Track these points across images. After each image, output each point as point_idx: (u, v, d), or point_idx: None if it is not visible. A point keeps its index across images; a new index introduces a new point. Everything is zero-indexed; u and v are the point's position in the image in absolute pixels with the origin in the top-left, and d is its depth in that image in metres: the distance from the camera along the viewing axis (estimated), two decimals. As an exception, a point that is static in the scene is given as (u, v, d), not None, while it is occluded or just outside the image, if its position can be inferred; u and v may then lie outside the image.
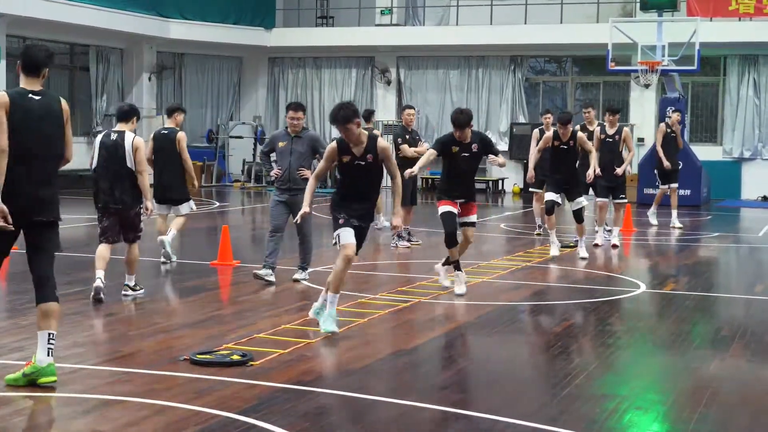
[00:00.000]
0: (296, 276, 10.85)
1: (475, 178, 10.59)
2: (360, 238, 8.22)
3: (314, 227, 11.09)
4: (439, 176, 11.09)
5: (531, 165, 14.30)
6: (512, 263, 12.64)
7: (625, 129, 14.84)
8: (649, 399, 6.55)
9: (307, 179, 9.76)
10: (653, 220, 17.67)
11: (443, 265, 10.45)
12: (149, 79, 27.61)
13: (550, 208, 13.10)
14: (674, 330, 8.94)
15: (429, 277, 11.03)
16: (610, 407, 6.19)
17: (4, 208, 6.04)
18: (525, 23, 26.89)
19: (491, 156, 10.12)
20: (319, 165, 8.63)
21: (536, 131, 15.26)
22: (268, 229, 10.88)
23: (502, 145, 26.43)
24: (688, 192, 22.45)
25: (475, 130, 10.07)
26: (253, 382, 6.51)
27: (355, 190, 8.23)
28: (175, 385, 6.41)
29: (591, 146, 13.22)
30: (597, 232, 14.76)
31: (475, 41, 26.88)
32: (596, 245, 14.33)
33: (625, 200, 14.90)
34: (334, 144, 8.27)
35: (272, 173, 10.79)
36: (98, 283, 9.29)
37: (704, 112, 26.70)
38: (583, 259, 12.96)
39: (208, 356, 7.09)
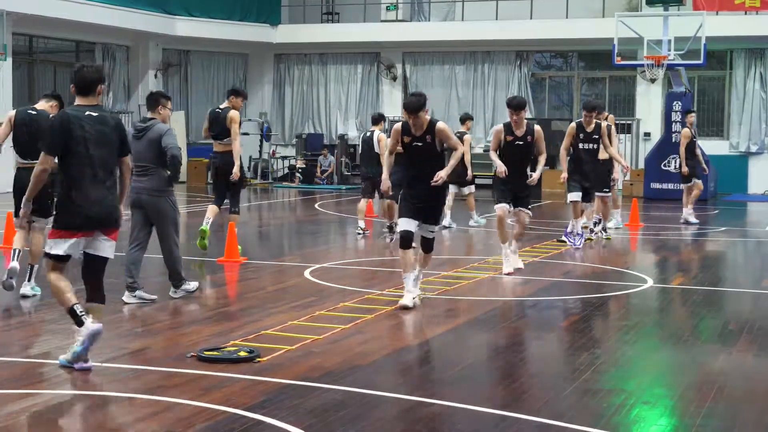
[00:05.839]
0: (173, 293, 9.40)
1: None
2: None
3: (320, 224, 11.07)
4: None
5: (385, 171, 9.61)
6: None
7: (536, 127, 11.24)
8: (656, 394, 6.55)
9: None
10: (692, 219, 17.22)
11: None
12: (155, 76, 27.65)
13: (406, 239, 9.11)
14: (681, 325, 8.93)
15: (436, 273, 11.03)
16: (617, 402, 6.19)
17: None
18: (531, 18, 26.87)
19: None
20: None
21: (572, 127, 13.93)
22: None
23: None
24: (694, 186, 22.44)
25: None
26: (260, 378, 6.52)
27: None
28: (183, 382, 6.42)
29: (456, 142, 9.25)
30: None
31: (480, 37, 26.86)
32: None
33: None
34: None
35: None
36: (362, 225, 14.81)
37: (710, 107, 26.64)
38: (406, 305, 9.10)
39: (215, 353, 7.10)
